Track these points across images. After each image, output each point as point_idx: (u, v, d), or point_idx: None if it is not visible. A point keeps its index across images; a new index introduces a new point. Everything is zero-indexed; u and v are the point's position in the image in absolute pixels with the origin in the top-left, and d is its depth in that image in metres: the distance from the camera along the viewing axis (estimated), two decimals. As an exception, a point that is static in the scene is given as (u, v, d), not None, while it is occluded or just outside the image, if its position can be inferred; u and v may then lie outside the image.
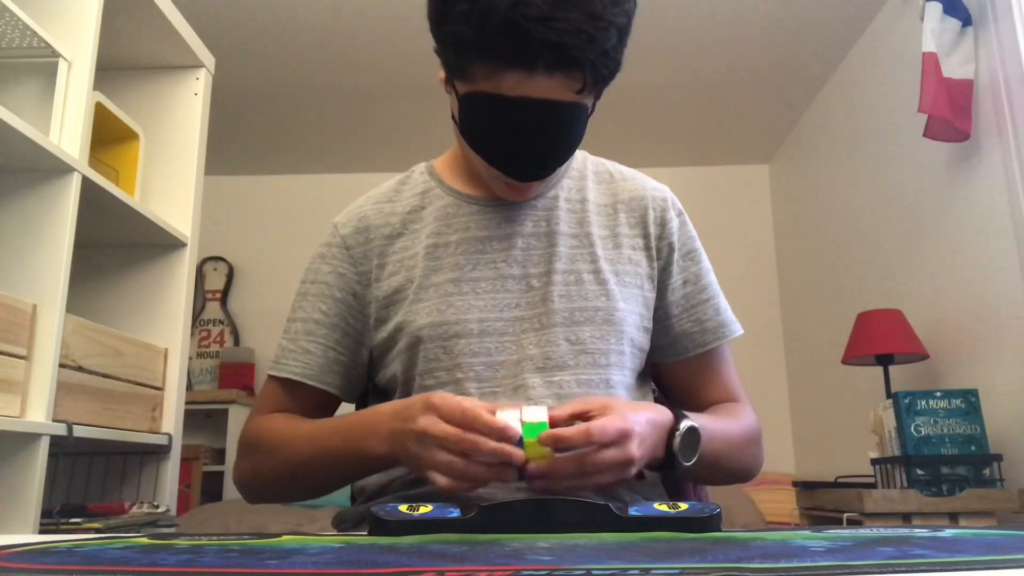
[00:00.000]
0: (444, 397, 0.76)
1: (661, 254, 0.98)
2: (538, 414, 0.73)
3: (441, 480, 0.74)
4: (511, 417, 0.73)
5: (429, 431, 0.74)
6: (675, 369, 1.01)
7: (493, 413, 0.73)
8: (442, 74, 0.88)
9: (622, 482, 0.76)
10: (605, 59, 0.79)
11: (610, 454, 0.73)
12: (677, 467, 0.82)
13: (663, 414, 0.82)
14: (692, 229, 1.02)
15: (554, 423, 0.74)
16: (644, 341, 0.96)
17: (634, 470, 0.76)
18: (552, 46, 0.76)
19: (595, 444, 0.72)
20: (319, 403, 0.98)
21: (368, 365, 0.99)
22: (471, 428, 0.72)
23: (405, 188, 1.02)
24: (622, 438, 0.74)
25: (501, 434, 0.71)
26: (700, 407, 0.99)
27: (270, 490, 0.96)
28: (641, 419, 0.77)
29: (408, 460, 0.77)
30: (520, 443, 0.71)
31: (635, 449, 0.74)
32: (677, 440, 0.81)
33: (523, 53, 0.77)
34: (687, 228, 1.02)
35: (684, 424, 0.82)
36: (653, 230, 0.98)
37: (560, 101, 0.81)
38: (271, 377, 0.99)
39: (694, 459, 0.83)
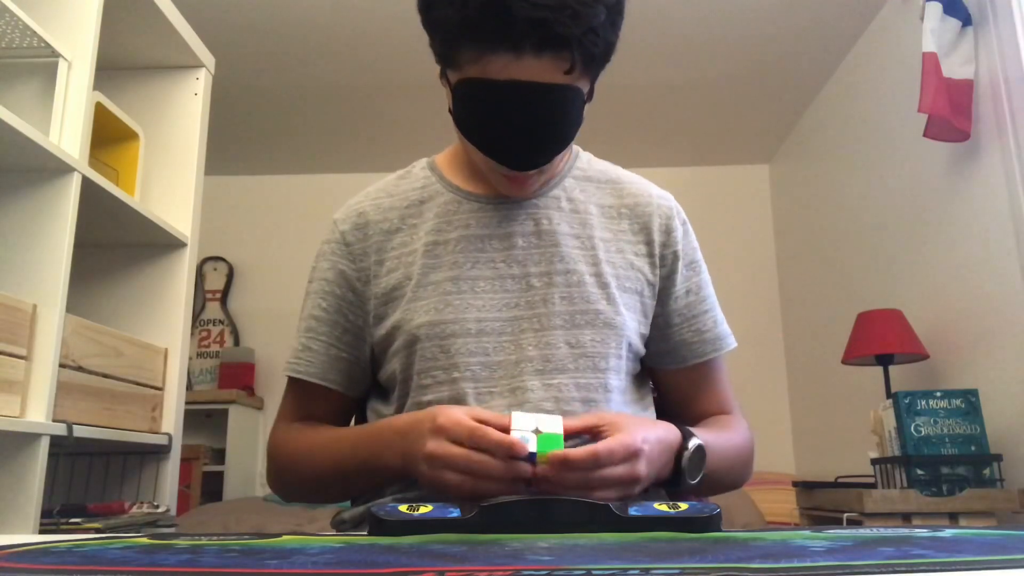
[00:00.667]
0: (450, 417, 0.76)
1: (665, 262, 0.98)
2: (554, 425, 0.74)
3: (450, 478, 0.74)
4: (526, 422, 0.73)
5: (437, 454, 0.75)
6: (671, 377, 1.01)
7: (506, 429, 0.73)
8: (439, 69, 0.88)
9: (627, 498, 0.76)
10: (594, 37, 0.78)
11: (617, 471, 0.74)
12: (683, 484, 0.83)
13: (671, 432, 0.83)
14: (695, 239, 1.02)
15: (566, 434, 0.74)
16: (641, 347, 0.96)
17: (639, 488, 0.77)
18: (536, 23, 0.75)
19: (602, 465, 0.73)
20: (332, 403, 0.99)
21: (371, 361, 0.99)
22: (478, 448, 0.73)
23: (404, 183, 1.01)
24: (630, 457, 0.74)
25: (508, 451, 0.71)
26: (694, 416, 0.99)
27: (301, 496, 1.01)
28: (651, 438, 0.78)
29: (419, 480, 0.79)
30: (530, 457, 0.71)
31: (642, 468, 0.75)
32: (686, 459, 0.82)
33: (508, 32, 0.76)
34: (690, 237, 1.01)
35: (693, 443, 0.83)
36: (657, 238, 0.98)
37: (551, 84, 0.80)
38: (288, 379, 1.00)
39: (699, 477, 0.84)
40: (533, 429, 0.72)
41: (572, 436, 0.77)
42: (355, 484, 0.94)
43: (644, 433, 0.77)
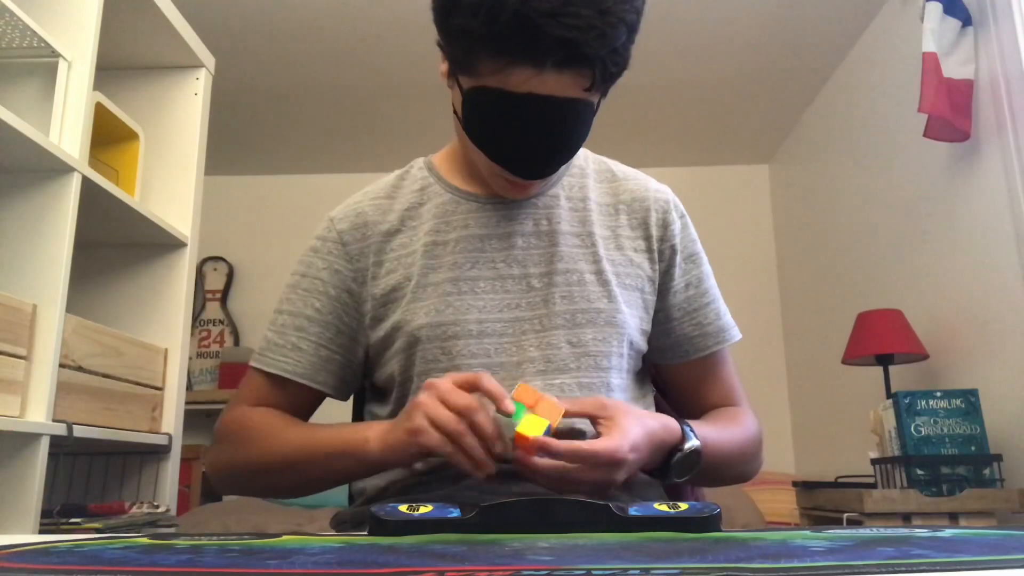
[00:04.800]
0: (455, 374, 0.79)
1: (663, 256, 0.98)
2: (549, 411, 0.75)
3: (433, 438, 0.75)
4: (528, 396, 0.76)
5: (436, 383, 0.77)
6: (675, 372, 1.01)
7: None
8: (444, 67, 0.87)
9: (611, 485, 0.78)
10: (615, 56, 0.79)
11: (594, 474, 0.75)
12: (667, 480, 0.84)
13: (670, 432, 0.83)
14: (694, 232, 1.02)
15: (567, 416, 0.77)
16: (642, 344, 0.96)
17: (612, 490, 0.79)
18: (563, 42, 0.75)
19: (582, 464, 0.74)
20: (305, 400, 0.97)
21: (364, 363, 0.98)
22: (477, 386, 0.76)
23: (404, 184, 1.00)
24: (611, 464, 0.75)
25: (500, 398, 0.75)
26: (700, 409, 0.99)
27: (246, 481, 0.95)
28: (642, 445, 0.78)
29: (405, 422, 0.79)
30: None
31: (620, 476, 0.77)
32: (676, 460, 0.83)
33: (533, 49, 0.76)
34: (689, 230, 1.01)
35: (688, 446, 0.83)
36: (655, 232, 0.98)
37: (568, 98, 0.80)
38: (255, 369, 0.96)
39: (686, 478, 0.85)
40: (530, 404, 0.74)
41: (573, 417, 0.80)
42: (320, 470, 0.88)
43: (635, 439, 0.77)
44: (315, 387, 0.95)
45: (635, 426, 0.78)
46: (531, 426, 0.73)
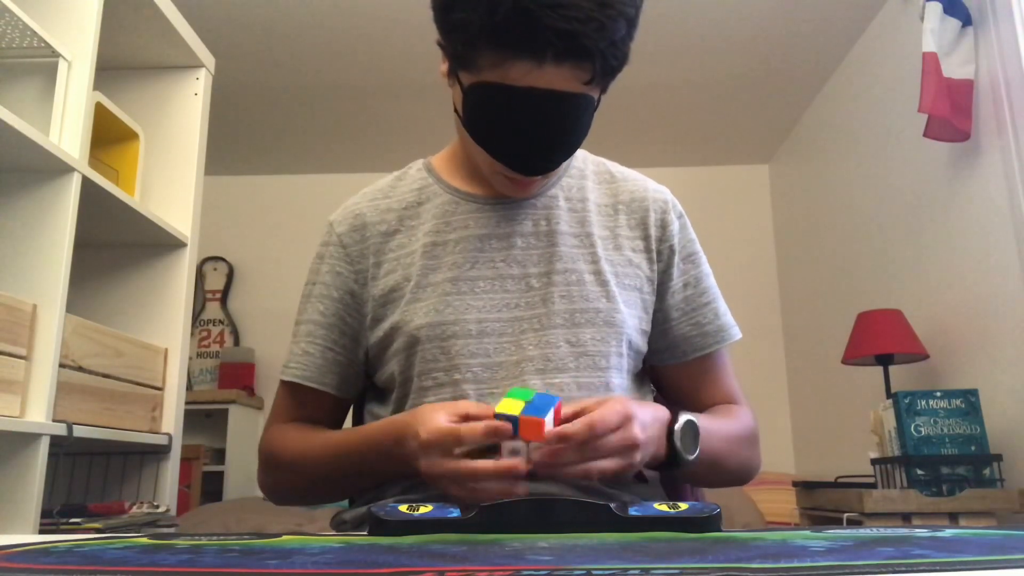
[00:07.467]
0: (430, 430, 0.75)
1: (662, 256, 0.98)
2: (542, 408, 0.74)
3: (453, 490, 0.75)
4: (514, 407, 0.74)
5: (432, 473, 0.76)
6: (674, 372, 1.01)
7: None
8: (444, 67, 0.87)
9: (628, 471, 0.77)
10: (614, 49, 0.79)
11: (614, 438, 0.74)
12: (680, 461, 0.82)
13: (660, 410, 0.84)
14: (692, 232, 1.02)
15: (562, 420, 0.75)
16: (642, 344, 0.96)
17: (639, 456, 0.77)
18: (562, 34, 0.75)
19: (598, 434, 0.73)
20: (327, 405, 0.99)
21: (365, 364, 0.98)
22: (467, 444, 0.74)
23: (401, 184, 1.01)
24: (624, 422, 0.75)
25: (494, 435, 0.73)
26: (699, 409, 0.99)
27: (294, 500, 1.01)
28: (639, 411, 0.78)
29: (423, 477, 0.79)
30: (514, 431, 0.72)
31: (638, 431, 0.76)
32: (677, 434, 0.82)
33: (533, 41, 0.76)
34: (687, 231, 1.01)
35: (682, 418, 0.83)
36: (654, 232, 0.98)
37: (568, 92, 0.80)
38: (281, 382, 1.00)
39: (696, 452, 0.84)
40: (521, 410, 0.73)
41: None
42: (350, 487, 0.96)
43: (632, 405, 0.78)
44: (322, 389, 0.96)
45: (624, 398, 0.80)
46: (527, 429, 0.72)
